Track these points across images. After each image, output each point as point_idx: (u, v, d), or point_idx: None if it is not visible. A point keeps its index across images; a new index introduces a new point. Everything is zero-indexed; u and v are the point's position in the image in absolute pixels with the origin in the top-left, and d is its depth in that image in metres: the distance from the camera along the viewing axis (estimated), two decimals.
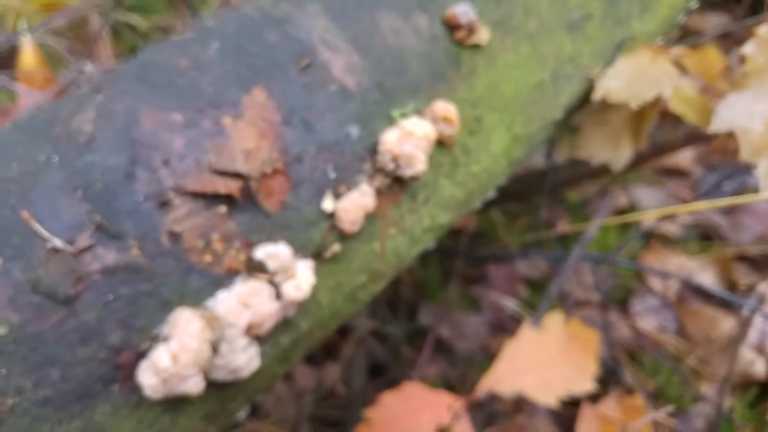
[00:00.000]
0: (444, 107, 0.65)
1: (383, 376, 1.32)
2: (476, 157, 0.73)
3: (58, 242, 0.48)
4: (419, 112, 0.65)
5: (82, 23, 1.52)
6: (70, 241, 0.49)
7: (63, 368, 0.47)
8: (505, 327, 1.42)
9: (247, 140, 0.56)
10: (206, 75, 0.58)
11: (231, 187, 0.54)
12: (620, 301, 1.51)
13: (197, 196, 0.53)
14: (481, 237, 1.57)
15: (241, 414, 0.64)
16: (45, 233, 0.48)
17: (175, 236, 0.52)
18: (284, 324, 0.59)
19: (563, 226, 1.36)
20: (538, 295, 1.45)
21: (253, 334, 0.54)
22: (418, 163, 0.62)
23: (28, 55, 1.27)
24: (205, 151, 0.55)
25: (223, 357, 0.52)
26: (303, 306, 0.60)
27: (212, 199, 0.54)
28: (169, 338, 0.50)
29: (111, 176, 0.52)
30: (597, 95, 0.80)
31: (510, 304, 1.40)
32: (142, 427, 0.51)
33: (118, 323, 0.49)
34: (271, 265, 0.55)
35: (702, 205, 0.88)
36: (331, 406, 1.30)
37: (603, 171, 1.26)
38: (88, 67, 1.08)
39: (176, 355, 0.48)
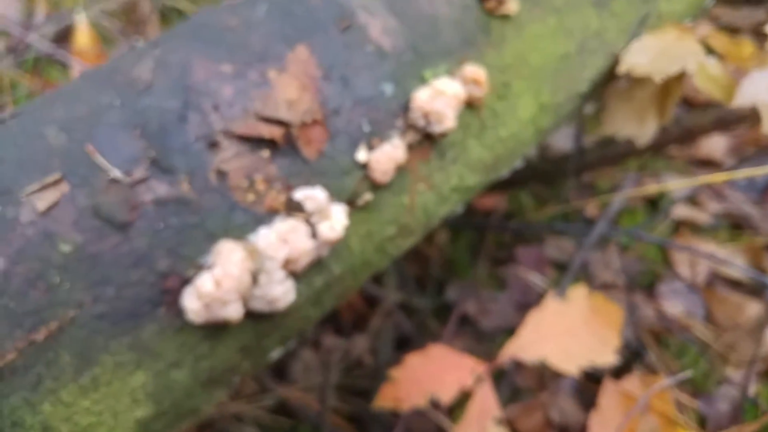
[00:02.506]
0: (474, 70, 0.68)
1: (409, 348, 1.35)
2: (504, 122, 0.76)
3: (117, 173, 0.53)
4: (450, 73, 0.69)
5: (133, 6, 1.60)
6: (128, 173, 0.54)
7: (117, 288, 0.52)
8: (531, 306, 1.44)
9: (289, 91, 0.61)
10: (254, 32, 0.63)
11: (274, 132, 0.59)
12: (647, 286, 1.52)
13: (243, 139, 0.58)
14: (510, 219, 1.59)
15: (275, 354, 0.68)
16: (106, 165, 0.53)
17: (221, 175, 0.57)
18: (318, 265, 0.63)
19: (589, 202, 1.37)
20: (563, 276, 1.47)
21: (289, 269, 0.58)
22: (447, 120, 0.65)
23: (83, 34, 1.35)
24: (252, 99, 0.59)
25: (262, 287, 0.56)
26: (336, 249, 0.64)
27: (257, 143, 0.59)
28: (212, 266, 0.54)
29: (166, 118, 0.56)
30: (622, 68, 0.82)
31: (537, 281, 1.42)
32: (184, 351, 0.56)
33: (166, 251, 0.54)
34: (309, 206, 0.59)
35: (721, 177, 0.89)
36: (357, 375, 1.34)
37: (631, 154, 1.27)
38: (140, 43, 1.15)
39: (219, 281, 0.53)
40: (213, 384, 0.61)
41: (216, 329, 0.57)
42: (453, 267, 1.57)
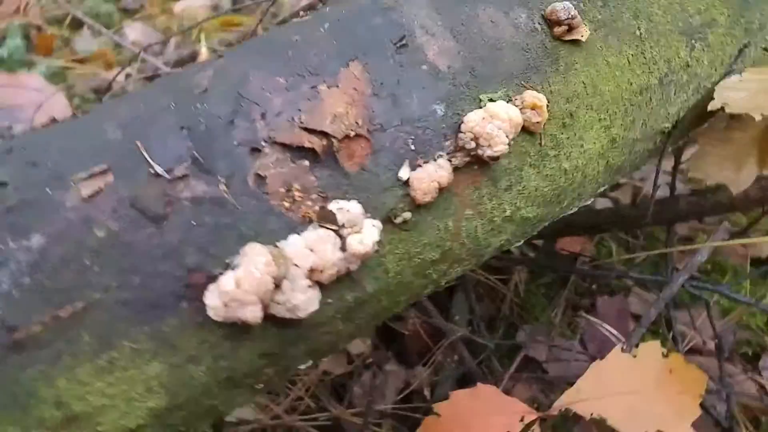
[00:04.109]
0: (533, 95, 0.65)
1: (470, 385, 1.29)
2: (567, 153, 0.72)
3: (159, 169, 0.55)
4: (509, 99, 0.66)
5: (249, 36, 1.72)
6: (169, 171, 0.56)
7: (144, 277, 0.54)
8: None
9: (337, 105, 0.61)
10: (313, 48, 0.64)
11: (316, 143, 0.59)
12: (749, 358, 1.36)
13: (285, 147, 0.59)
14: (595, 266, 1.50)
15: (303, 366, 0.68)
16: (150, 160, 0.56)
17: (260, 180, 0.58)
18: (348, 280, 0.62)
19: (679, 251, 1.26)
20: (651, 337, 1.35)
21: (315, 278, 0.58)
22: (498, 144, 0.63)
23: (202, 59, 1.46)
24: (299, 110, 0.60)
25: (284, 294, 0.56)
26: (369, 267, 0.63)
27: (298, 152, 0.59)
28: (237, 267, 0.55)
29: (214, 122, 0.59)
30: (715, 104, 0.75)
31: (616, 334, 1.32)
32: (203, 348, 0.57)
33: (196, 247, 0.55)
34: (341, 218, 0.58)
35: None
36: (413, 407, 1.31)
37: (735, 207, 1.16)
38: None
39: (240, 281, 0.53)
40: (233, 386, 0.61)
41: (237, 331, 0.58)
42: (528, 309, 1.50)
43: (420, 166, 0.62)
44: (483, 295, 1.52)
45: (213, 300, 0.54)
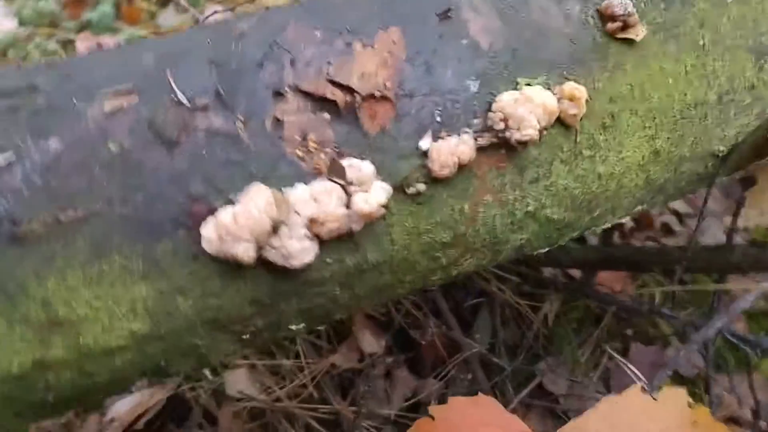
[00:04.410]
0: (573, 86, 0.63)
1: None
2: (604, 156, 0.68)
3: (181, 96, 0.56)
4: (548, 87, 0.64)
5: None
6: (191, 100, 0.56)
7: (147, 197, 0.54)
8: None
9: (368, 64, 0.60)
10: (356, 10, 0.64)
11: (339, 96, 0.59)
12: None
13: (308, 96, 0.59)
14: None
15: (295, 327, 0.66)
16: (174, 87, 0.56)
17: (278, 124, 0.58)
18: (351, 244, 0.60)
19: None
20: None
21: (314, 230, 0.56)
22: (528, 128, 0.60)
23: None
24: (329, 63, 0.60)
25: (280, 239, 0.55)
26: (374, 235, 0.61)
27: (320, 104, 0.59)
28: (238, 203, 0.54)
29: (244, 63, 0.59)
30: None
31: (646, 385, 1.24)
32: (193, 280, 0.56)
33: (203, 177, 0.55)
34: (351, 174, 0.57)
35: None
36: (418, 417, 1.27)
37: None
38: None
39: (237, 216, 0.53)
40: (218, 329, 0.60)
41: (230, 270, 0.57)
42: (554, 342, 1.43)
43: (442, 138, 0.61)
44: (508, 319, 1.46)
45: (209, 232, 0.54)
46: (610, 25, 0.66)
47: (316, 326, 0.71)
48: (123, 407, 1.37)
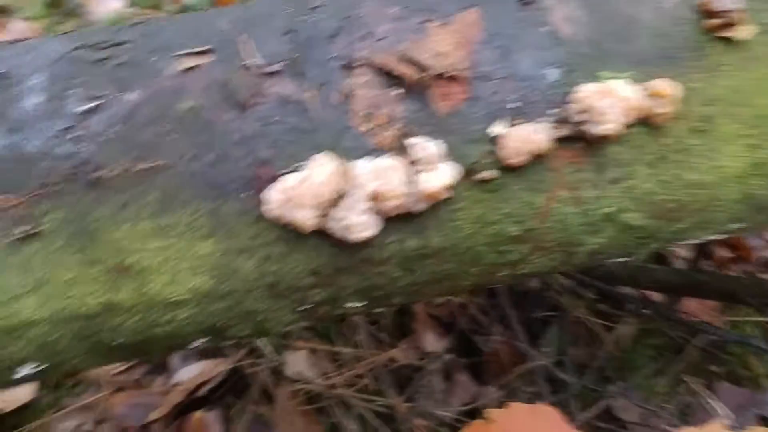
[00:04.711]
0: (663, 83, 0.59)
1: None
2: (694, 163, 0.63)
3: (255, 60, 0.58)
4: (634, 82, 0.60)
5: None
6: (264, 65, 0.58)
7: (216, 156, 0.56)
8: None
9: (443, 44, 0.60)
10: None
11: (410, 73, 0.58)
12: None
13: (378, 71, 0.59)
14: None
15: (353, 305, 0.66)
16: (250, 51, 0.58)
17: (347, 96, 0.58)
18: (414, 225, 0.60)
19: None
20: None
21: (376, 206, 0.56)
22: (608, 122, 0.57)
23: None
24: (402, 40, 0.60)
25: (341, 210, 0.55)
26: (438, 219, 0.60)
27: (390, 79, 0.59)
28: (302, 170, 0.55)
29: (317, 33, 0.60)
30: None
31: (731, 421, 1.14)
32: (256, 242, 0.58)
33: (271, 142, 0.57)
34: (418, 152, 0.56)
35: None
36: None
37: None
38: None
39: (300, 182, 0.54)
40: (277, 295, 0.61)
41: (292, 237, 0.58)
42: (627, 367, 1.36)
43: (517, 125, 0.59)
44: (579, 336, 1.40)
45: (272, 195, 0.55)
46: (711, 22, 0.61)
47: (375, 308, 0.70)
48: (188, 373, 1.43)
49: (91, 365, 0.64)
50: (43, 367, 0.60)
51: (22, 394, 1.28)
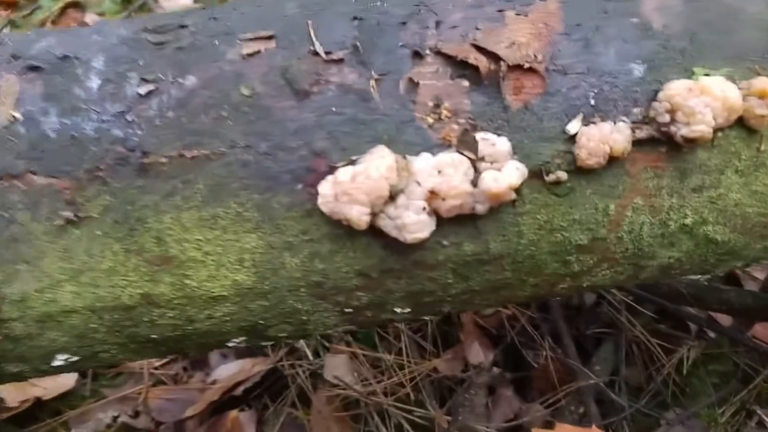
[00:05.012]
0: (766, 81, 0.53)
1: None
2: None
3: (318, 47, 0.54)
4: (731, 81, 0.54)
5: None
6: (327, 52, 0.54)
7: (270, 146, 0.53)
8: None
9: (519, 34, 0.55)
10: None
11: (482, 62, 0.53)
12: None
13: (448, 60, 0.54)
14: None
15: (400, 311, 0.62)
16: (313, 37, 0.54)
17: (412, 86, 0.54)
18: (472, 228, 0.55)
19: None
20: None
21: (434, 205, 0.52)
22: (699, 123, 0.51)
23: None
24: (476, 29, 0.55)
25: (396, 209, 0.51)
26: (500, 223, 0.55)
27: (460, 69, 0.54)
28: (359, 164, 0.51)
29: (387, 19, 0.56)
30: None
31: None
32: (303, 239, 0.54)
33: (328, 134, 0.53)
34: (483, 149, 0.52)
35: None
36: None
37: None
38: None
39: (356, 176, 0.50)
40: (321, 295, 0.57)
41: (341, 236, 0.54)
42: (687, 393, 1.27)
43: (594, 124, 0.53)
44: (636, 357, 1.32)
45: (326, 189, 0.51)
46: None
47: (423, 315, 0.66)
48: (225, 372, 1.41)
49: (126, 359, 0.62)
50: (77, 358, 0.57)
51: (63, 382, 1.29)
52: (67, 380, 1.31)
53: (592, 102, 0.54)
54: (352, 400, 1.31)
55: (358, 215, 0.50)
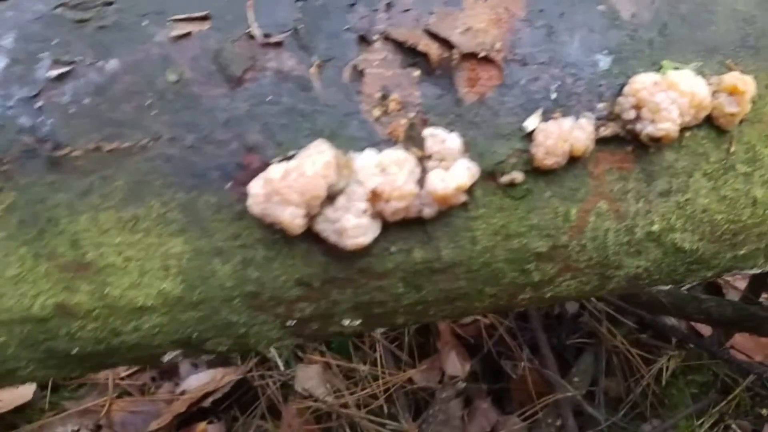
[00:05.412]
0: (737, 77, 0.48)
1: None
2: (766, 177, 0.53)
3: (255, 29, 0.49)
4: (701, 75, 0.50)
5: None
6: (265, 35, 0.49)
7: (198, 138, 0.48)
8: None
9: (477, 19, 0.50)
10: None
11: (433, 49, 0.49)
12: None
13: (398, 47, 0.50)
14: None
15: (349, 323, 0.57)
16: (251, 19, 0.50)
17: (357, 75, 0.49)
18: (421, 233, 0.50)
19: None
20: None
21: (377, 208, 0.47)
22: (664, 120, 0.47)
23: None
24: (431, 13, 0.51)
25: (335, 211, 0.46)
26: (451, 228, 0.50)
27: (411, 57, 0.50)
28: (293, 160, 0.46)
29: (334, 1, 0.51)
30: None
31: None
32: (234, 244, 0.49)
33: (263, 126, 0.48)
34: (431, 146, 0.47)
35: None
36: None
37: None
38: None
39: (288, 173, 0.45)
40: (258, 307, 0.52)
41: (277, 241, 0.49)
42: (666, 404, 1.23)
43: (554, 119, 0.49)
44: (615, 368, 1.28)
45: (256, 188, 0.46)
46: None
47: (375, 327, 0.61)
48: (195, 382, 1.36)
49: (47, 375, 0.56)
50: None
51: (21, 394, 1.23)
52: (25, 392, 1.25)
53: (554, 96, 0.49)
54: (324, 412, 1.26)
55: (291, 218, 0.45)
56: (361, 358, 1.34)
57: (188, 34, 0.49)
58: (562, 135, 0.47)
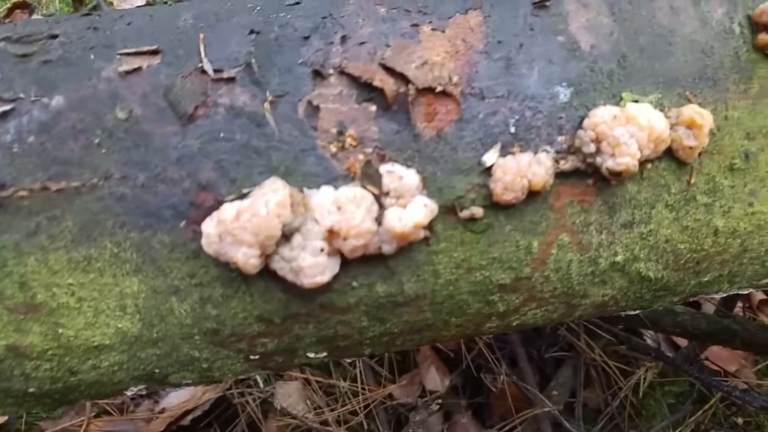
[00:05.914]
0: (695, 110, 0.48)
1: None
2: (726, 207, 0.52)
3: (206, 64, 0.48)
4: (661, 108, 0.50)
5: None
6: (217, 70, 0.48)
7: (149, 177, 0.47)
8: None
9: (434, 52, 0.50)
10: None
11: (388, 85, 0.48)
12: None
13: (353, 82, 0.49)
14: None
15: (314, 355, 0.56)
16: (202, 53, 0.49)
17: (312, 110, 0.48)
18: (383, 269, 0.50)
19: None
20: None
21: (334, 246, 0.46)
22: (624, 155, 0.46)
23: None
24: (387, 46, 0.50)
25: (291, 250, 0.45)
26: (413, 263, 0.50)
27: (367, 92, 0.49)
28: (247, 199, 0.45)
29: (288, 34, 0.50)
30: None
31: None
32: (191, 283, 0.48)
33: (215, 163, 0.47)
34: (388, 183, 0.46)
35: None
36: None
37: None
38: None
39: (240, 213, 0.44)
40: (219, 343, 0.52)
41: (235, 279, 0.48)
42: (643, 415, 1.23)
43: (512, 154, 0.48)
44: (594, 380, 1.28)
45: (209, 227, 0.45)
46: (763, 39, 0.50)
47: (341, 358, 0.60)
48: (176, 399, 1.34)
49: (7, 413, 0.55)
50: None
51: None
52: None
53: (513, 129, 0.49)
54: (304, 429, 1.25)
55: (245, 258, 0.44)
56: (341, 374, 1.33)
57: (138, 69, 0.48)
58: (520, 171, 0.47)
